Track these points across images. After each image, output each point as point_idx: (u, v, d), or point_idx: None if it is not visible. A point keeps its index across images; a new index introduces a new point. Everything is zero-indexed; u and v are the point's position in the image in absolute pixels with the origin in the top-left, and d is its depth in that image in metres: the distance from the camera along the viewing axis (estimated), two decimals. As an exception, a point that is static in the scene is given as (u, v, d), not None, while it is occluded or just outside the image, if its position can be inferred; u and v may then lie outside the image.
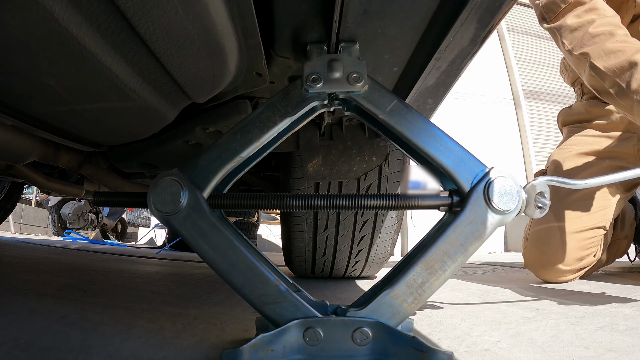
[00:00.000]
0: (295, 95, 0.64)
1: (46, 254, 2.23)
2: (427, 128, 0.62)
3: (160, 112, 0.84)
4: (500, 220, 0.59)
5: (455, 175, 0.60)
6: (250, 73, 0.82)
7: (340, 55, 0.66)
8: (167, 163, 1.23)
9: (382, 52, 0.76)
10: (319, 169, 1.27)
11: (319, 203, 0.63)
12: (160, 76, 0.72)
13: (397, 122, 0.62)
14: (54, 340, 0.63)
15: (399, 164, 1.33)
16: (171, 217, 0.59)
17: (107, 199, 0.68)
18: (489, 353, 0.65)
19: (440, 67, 0.79)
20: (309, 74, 0.63)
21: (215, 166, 0.61)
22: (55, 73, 0.65)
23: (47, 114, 0.82)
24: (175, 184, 0.59)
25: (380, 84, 0.65)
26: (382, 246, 1.57)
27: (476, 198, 0.59)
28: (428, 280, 0.57)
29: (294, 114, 0.63)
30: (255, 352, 0.53)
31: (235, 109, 0.98)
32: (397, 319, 0.57)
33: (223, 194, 0.63)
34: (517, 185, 0.59)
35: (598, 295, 1.21)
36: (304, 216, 1.43)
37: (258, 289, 0.58)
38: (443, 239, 0.58)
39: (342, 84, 0.63)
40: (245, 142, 0.62)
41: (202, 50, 0.66)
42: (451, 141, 0.62)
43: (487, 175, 0.59)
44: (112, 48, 0.60)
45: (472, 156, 0.61)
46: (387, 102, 0.63)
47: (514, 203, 0.58)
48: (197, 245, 0.59)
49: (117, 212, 7.31)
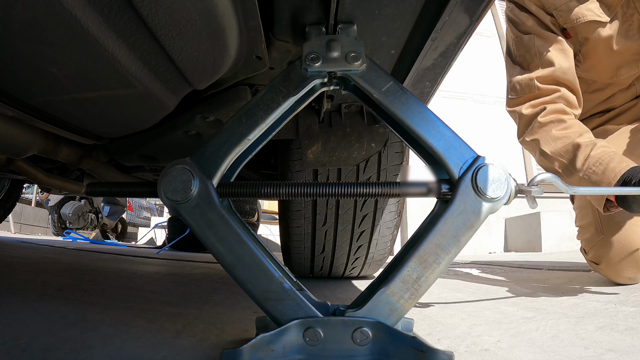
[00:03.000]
0: (296, 76, 0.65)
1: (46, 254, 2.23)
2: (421, 111, 0.63)
3: (161, 100, 0.84)
4: (490, 208, 0.59)
5: (444, 160, 0.61)
6: (250, 57, 0.82)
7: (338, 36, 0.67)
8: (168, 155, 1.23)
9: (380, 34, 0.77)
10: (318, 156, 1.27)
11: (315, 191, 0.63)
12: (161, 61, 0.72)
13: (391, 102, 0.63)
14: (54, 340, 0.63)
15: (399, 156, 1.33)
16: (181, 205, 0.59)
17: (120, 189, 0.68)
18: (489, 353, 0.65)
19: (437, 47, 0.80)
20: (308, 54, 0.64)
21: (224, 151, 0.62)
22: (57, 59, 0.65)
23: (48, 103, 0.81)
24: (186, 172, 0.59)
25: (378, 65, 0.66)
26: (381, 242, 1.55)
27: (465, 187, 0.59)
28: (423, 275, 0.57)
29: (296, 94, 0.64)
30: (255, 352, 0.53)
31: (235, 96, 0.98)
32: (395, 316, 0.57)
33: (232, 183, 0.63)
34: (505, 172, 0.59)
35: (598, 294, 1.21)
36: (302, 211, 1.42)
37: (262, 285, 0.57)
38: (435, 232, 0.58)
39: (340, 63, 0.64)
40: (251, 125, 0.62)
41: (203, 32, 0.66)
42: (443, 126, 0.62)
43: (475, 162, 0.59)
44: (115, 32, 0.60)
45: (463, 142, 0.62)
46: (383, 83, 0.64)
47: (502, 190, 0.58)
48: (204, 236, 0.59)
49: (117, 212, 7.31)
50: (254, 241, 0.61)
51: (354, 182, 0.63)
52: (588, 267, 1.58)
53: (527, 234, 5.09)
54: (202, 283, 1.41)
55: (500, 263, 2.72)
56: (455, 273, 2.07)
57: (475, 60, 6.05)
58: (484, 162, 0.59)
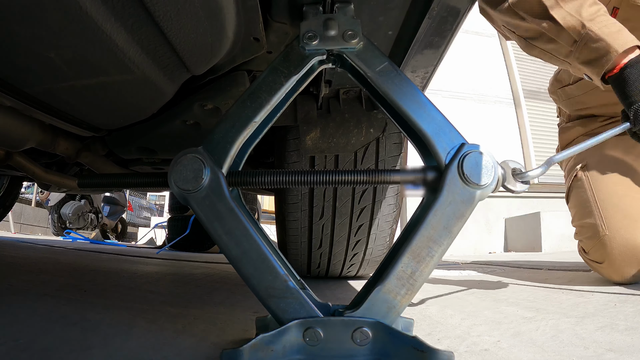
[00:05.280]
0: (295, 55, 0.65)
1: (46, 254, 2.23)
2: (413, 93, 0.63)
3: (159, 87, 0.84)
4: (479, 195, 0.58)
5: (433, 144, 0.61)
6: (248, 39, 0.82)
7: (335, 15, 0.67)
8: (166, 147, 1.23)
9: (377, 14, 0.78)
10: (317, 142, 1.27)
11: (312, 179, 0.63)
12: (159, 45, 0.72)
13: (384, 82, 0.63)
14: (54, 340, 0.63)
15: (397, 147, 1.32)
16: (191, 195, 0.59)
17: (135, 180, 0.68)
18: (489, 353, 0.65)
19: (434, 26, 0.81)
20: (305, 32, 0.65)
21: (232, 135, 0.62)
22: (56, 43, 0.65)
23: (46, 92, 0.81)
24: (197, 161, 0.59)
25: (375, 45, 0.66)
26: (380, 237, 1.53)
27: (452, 177, 0.59)
28: (418, 269, 0.57)
29: (297, 73, 0.64)
30: (255, 352, 0.53)
31: (234, 81, 0.98)
32: (393, 314, 0.57)
33: (241, 172, 0.63)
34: (492, 159, 0.59)
35: (598, 294, 1.21)
36: (298, 203, 1.40)
37: (266, 281, 0.57)
38: (425, 225, 0.58)
39: (337, 41, 0.65)
40: (256, 107, 0.63)
41: (200, 12, 0.66)
42: (435, 110, 0.63)
43: (460, 149, 0.59)
44: (113, 14, 0.60)
45: (454, 128, 0.62)
46: (378, 63, 0.64)
47: (489, 177, 0.58)
48: (211, 228, 0.59)
49: (117, 212, 7.31)
50: (261, 236, 0.61)
51: (352, 169, 0.63)
52: (588, 267, 1.58)
53: (527, 234, 5.09)
54: (202, 283, 1.41)
55: (500, 263, 2.72)
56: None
57: (476, 60, 6.05)
58: (470, 149, 0.59)
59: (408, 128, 0.65)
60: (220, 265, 2.23)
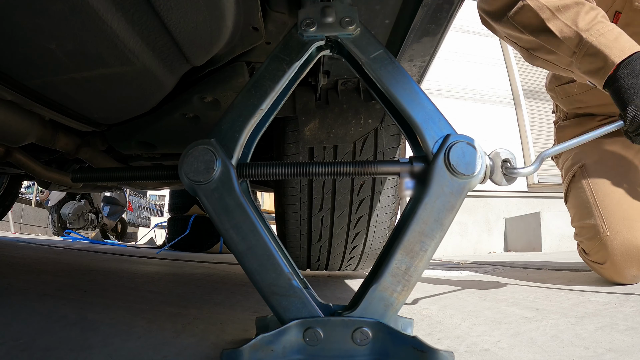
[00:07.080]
0: (294, 42, 0.66)
1: (46, 254, 2.23)
2: (405, 81, 0.63)
3: (159, 80, 0.84)
4: (468, 185, 0.58)
5: (422, 132, 0.61)
6: (247, 28, 0.82)
7: (332, 3, 0.68)
8: (166, 142, 1.23)
9: (374, 2, 0.78)
10: (315, 133, 1.27)
11: (311, 170, 0.63)
12: (159, 35, 0.72)
13: (377, 69, 0.64)
14: (54, 340, 0.63)
15: (395, 139, 1.32)
16: (201, 187, 0.59)
17: (143, 173, 0.67)
18: (489, 353, 0.65)
19: (428, 13, 0.82)
20: (303, 19, 0.65)
21: (239, 124, 0.62)
22: (57, 34, 0.65)
23: (46, 85, 0.81)
24: (209, 153, 0.59)
25: (372, 33, 0.67)
26: (380, 229, 1.53)
27: (439, 169, 0.58)
28: (412, 265, 0.57)
29: (298, 59, 0.65)
30: (255, 352, 0.53)
31: (233, 73, 0.98)
32: (391, 311, 0.57)
33: (250, 164, 0.63)
34: (479, 148, 0.59)
35: (598, 294, 1.21)
36: (298, 195, 1.40)
37: (270, 278, 0.57)
38: (416, 219, 0.58)
39: (334, 27, 0.66)
40: (262, 95, 0.63)
41: (200, 1, 0.67)
42: (426, 99, 0.63)
43: (446, 141, 0.59)
44: (114, 4, 0.61)
45: (443, 117, 0.62)
46: (372, 50, 0.65)
47: (477, 167, 0.58)
48: (219, 221, 0.59)
49: (117, 212, 7.31)
50: (268, 232, 0.60)
51: (347, 161, 0.63)
52: (588, 267, 1.58)
53: (527, 234, 5.10)
54: (202, 283, 1.41)
55: (500, 263, 2.72)
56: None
57: (475, 60, 6.05)
58: (457, 139, 0.59)
59: (399, 117, 0.65)
60: (220, 265, 2.23)
